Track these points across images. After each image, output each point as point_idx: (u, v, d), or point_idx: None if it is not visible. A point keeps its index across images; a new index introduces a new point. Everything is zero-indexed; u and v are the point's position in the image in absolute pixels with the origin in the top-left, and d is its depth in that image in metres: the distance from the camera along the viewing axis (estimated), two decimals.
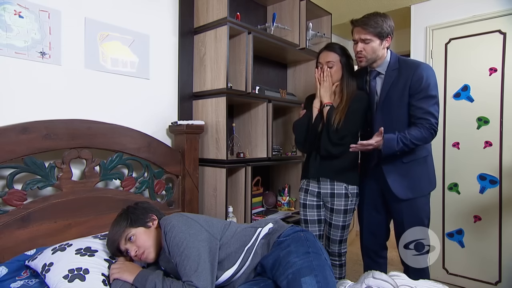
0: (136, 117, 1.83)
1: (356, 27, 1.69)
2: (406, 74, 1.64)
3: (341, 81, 1.75)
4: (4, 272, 1.21)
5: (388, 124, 1.66)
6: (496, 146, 2.41)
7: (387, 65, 1.70)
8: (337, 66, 1.73)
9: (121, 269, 1.17)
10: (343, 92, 1.73)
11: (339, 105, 1.71)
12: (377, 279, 1.17)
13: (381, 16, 1.66)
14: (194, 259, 1.08)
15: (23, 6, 1.41)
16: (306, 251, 1.11)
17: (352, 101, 1.69)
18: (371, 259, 1.90)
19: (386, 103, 1.68)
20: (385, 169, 1.70)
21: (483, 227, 2.46)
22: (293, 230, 1.21)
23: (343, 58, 1.74)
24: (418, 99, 1.60)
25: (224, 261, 1.18)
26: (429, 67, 1.68)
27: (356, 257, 3.01)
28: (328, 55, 1.75)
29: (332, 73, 1.72)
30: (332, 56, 1.74)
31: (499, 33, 2.41)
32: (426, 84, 1.60)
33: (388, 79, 1.68)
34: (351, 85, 1.74)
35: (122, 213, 1.28)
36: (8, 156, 1.29)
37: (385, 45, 1.69)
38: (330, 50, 1.76)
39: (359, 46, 1.69)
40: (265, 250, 1.20)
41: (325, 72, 1.72)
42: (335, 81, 1.74)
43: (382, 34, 1.65)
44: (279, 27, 2.36)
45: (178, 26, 2.02)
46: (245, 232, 1.25)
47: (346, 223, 1.76)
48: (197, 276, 1.05)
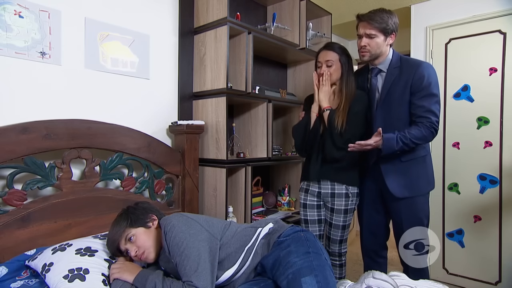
0: (136, 117, 1.83)
1: (362, 21, 1.70)
2: (408, 72, 1.64)
3: (340, 81, 1.73)
4: (4, 272, 1.21)
5: (389, 122, 1.67)
6: (496, 146, 2.41)
7: (389, 63, 1.71)
8: (336, 65, 1.71)
9: (121, 269, 1.17)
10: (342, 92, 1.71)
11: (339, 106, 1.69)
12: (377, 279, 1.17)
13: (387, 13, 1.67)
14: (194, 259, 1.08)
15: (23, 6, 1.41)
16: (306, 251, 1.11)
17: (353, 102, 1.68)
18: (371, 259, 1.90)
19: (387, 101, 1.68)
20: (383, 168, 1.70)
21: (483, 227, 2.46)
22: (293, 230, 1.21)
23: (343, 57, 1.73)
24: (419, 98, 1.61)
25: (224, 261, 1.18)
26: (431, 66, 1.68)
27: (356, 257, 3.01)
28: (327, 54, 1.73)
29: (332, 72, 1.70)
30: (331, 55, 1.72)
31: (499, 33, 2.41)
32: (428, 82, 1.60)
33: (390, 76, 1.69)
34: (351, 84, 1.72)
35: (122, 213, 1.28)
36: (8, 156, 1.29)
37: (389, 42, 1.70)
38: (329, 49, 1.74)
39: (364, 41, 1.69)
40: (265, 250, 1.20)
41: (324, 76, 1.70)
42: (335, 80, 1.72)
43: (387, 30, 1.66)
44: (279, 27, 2.36)
45: (178, 26, 2.02)
46: (245, 232, 1.25)
47: (346, 223, 1.76)
48: (197, 276, 1.05)
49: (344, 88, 1.71)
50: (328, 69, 1.71)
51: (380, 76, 1.74)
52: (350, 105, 1.67)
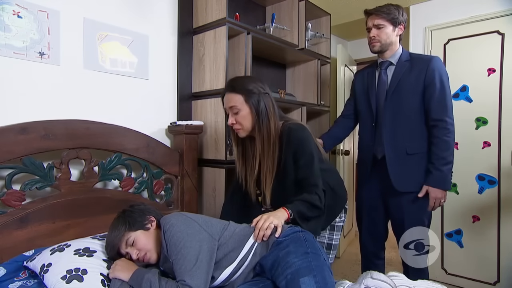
0: (135, 117, 1.82)
1: (370, 15, 1.74)
2: (420, 65, 1.68)
3: (256, 128, 1.32)
4: (3, 272, 1.21)
5: (399, 112, 1.69)
6: (495, 147, 2.41)
7: (399, 56, 1.74)
8: (244, 109, 1.31)
9: (116, 268, 1.16)
10: (262, 142, 1.32)
11: (264, 165, 1.33)
12: (375, 280, 1.17)
13: (394, 5, 1.72)
14: (190, 259, 1.07)
15: (22, 6, 1.41)
16: (305, 252, 1.11)
17: (284, 144, 1.32)
18: (369, 260, 1.90)
19: (397, 92, 1.70)
20: (388, 160, 1.71)
21: (482, 227, 2.47)
22: (292, 230, 1.21)
23: (250, 95, 1.31)
24: (433, 93, 1.63)
25: (223, 260, 1.17)
26: (441, 60, 1.72)
27: (355, 257, 3.01)
28: (229, 98, 1.34)
29: (240, 120, 1.33)
30: (234, 99, 1.32)
31: (498, 33, 2.42)
32: (440, 76, 1.64)
33: (400, 68, 1.72)
34: (272, 127, 1.32)
35: (119, 217, 1.26)
36: (6, 157, 1.29)
37: (398, 32, 1.73)
38: (229, 90, 1.34)
39: (373, 32, 1.73)
40: (264, 250, 1.20)
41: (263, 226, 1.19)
42: (248, 128, 1.34)
43: (395, 20, 1.70)
44: (278, 27, 2.36)
45: (177, 26, 2.02)
46: (244, 231, 1.25)
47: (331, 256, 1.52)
48: (191, 276, 1.04)
49: (262, 136, 1.32)
50: (235, 117, 1.33)
51: (390, 70, 1.76)
52: (279, 151, 1.33)
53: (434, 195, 1.62)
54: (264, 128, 1.32)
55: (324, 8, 2.73)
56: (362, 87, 1.87)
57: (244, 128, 1.35)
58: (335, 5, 2.81)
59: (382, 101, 1.73)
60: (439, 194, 1.62)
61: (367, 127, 1.83)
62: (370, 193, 1.83)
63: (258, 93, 1.32)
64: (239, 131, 1.37)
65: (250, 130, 1.35)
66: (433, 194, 1.62)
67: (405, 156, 1.68)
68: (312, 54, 2.62)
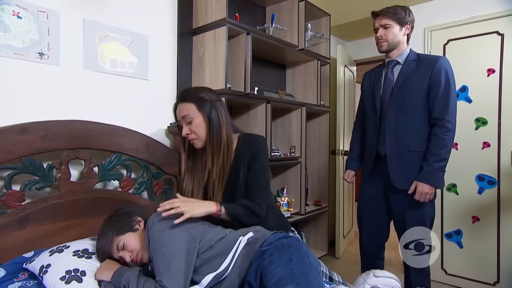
0: (134, 117, 1.82)
1: (377, 16, 1.76)
2: (426, 64, 1.69)
3: (207, 135, 1.31)
4: (2, 274, 1.21)
5: (403, 110, 1.70)
6: (494, 147, 2.41)
7: (406, 56, 1.76)
8: (197, 118, 1.30)
9: (99, 269, 1.16)
10: (212, 149, 1.31)
11: (213, 173, 1.33)
12: (380, 277, 1.18)
13: (401, 7, 1.75)
14: (169, 259, 1.06)
15: (22, 6, 1.41)
16: (288, 259, 1.04)
17: (242, 150, 1.32)
18: (369, 260, 1.90)
19: (402, 89, 1.71)
20: (389, 156, 1.71)
21: (482, 227, 2.47)
22: (275, 237, 1.14)
23: (202, 103, 1.31)
24: (438, 90, 1.64)
25: (204, 265, 1.14)
26: (447, 60, 1.74)
27: (355, 258, 3.01)
28: (181, 108, 1.33)
29: (195, 129, 1.31)
30: (186, 108, 1.31)
31: (497, 34, 2.42)
32: (446, 75, 1.66)
33: (407, 67, 1.73)
34: (224, 134, 1.31)
35: (106, 224, 1.26)
36: (6, 157, 1.29)
37: (405, 32, 1.75)
38: (181, 100, 1.33)
39: (380, 32, 1.75)
40: (245, 261, 1.13)
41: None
42: (203, 137, 1.32)
43: (401, 20, 1.72)
44: (278, 28, 2.36)
45: (177, 26, 2.02)
46: (226, 242, 1.18)
47: None
48: (169, 277, 1.03)
49: (211, 150, 1.31)
50: (189, 127, 1.30)
51: (396, 69, 1.77)
52: (234, 160, 1.34)
53: (421, 189, 1.61)
54: (215, 135, 1.30)
55: (323, 8, 2.73)
56: (369, 87, 1.89)
57: (199, 138, 1.32)
58: (334, 6, 2.81)
59: (388, 99, 1.75)
60: (426, 189, 1.61)
61: (372, 126, 1.83)
62: (371, 193, 1.83)
63: (210, 100, 1.32)
64: (194, 141, 1.33)
65: (205, 139, 1.33)
66: (420, 188, 1.62)
67: (408, 153, 1.69)
68: (312, 54, 2.63)
